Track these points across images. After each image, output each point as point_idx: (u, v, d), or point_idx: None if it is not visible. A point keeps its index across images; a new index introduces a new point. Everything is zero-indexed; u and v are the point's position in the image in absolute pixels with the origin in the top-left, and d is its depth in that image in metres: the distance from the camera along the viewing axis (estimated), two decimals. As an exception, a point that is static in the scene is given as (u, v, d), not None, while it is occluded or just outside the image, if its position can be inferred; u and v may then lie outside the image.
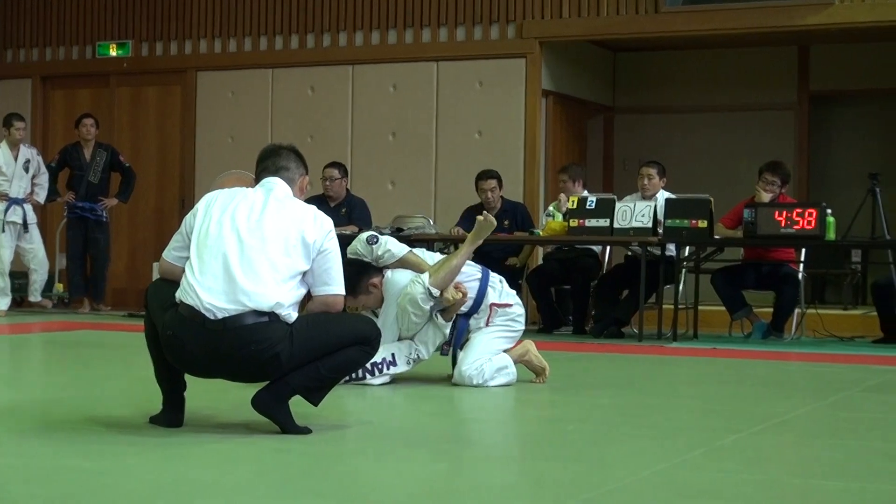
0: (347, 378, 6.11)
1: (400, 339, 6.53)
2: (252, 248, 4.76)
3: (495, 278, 6.75)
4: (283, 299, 4.73)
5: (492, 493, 3.93)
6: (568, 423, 5.52)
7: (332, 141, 12.72)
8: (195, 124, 13.50)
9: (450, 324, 6.54)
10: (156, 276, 5.19)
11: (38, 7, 14.16)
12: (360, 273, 6.40)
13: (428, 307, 6.40)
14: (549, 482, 4.11)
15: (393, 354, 6.47)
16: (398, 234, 10.61)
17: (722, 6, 11.56)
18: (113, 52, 13.82)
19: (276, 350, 4.70)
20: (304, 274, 4.86)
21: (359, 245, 6.52)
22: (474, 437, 5.35)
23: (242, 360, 4.72)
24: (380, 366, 6.41)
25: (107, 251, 12.77)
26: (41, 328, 10.63)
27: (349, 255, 6.44)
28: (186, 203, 12.93)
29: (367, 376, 6.40)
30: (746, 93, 13.66)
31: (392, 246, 6.49)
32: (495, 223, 6.73)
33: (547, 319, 10.81)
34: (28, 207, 12.22)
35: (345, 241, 6.16)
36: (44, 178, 12.33)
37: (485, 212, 6.84)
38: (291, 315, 4.78)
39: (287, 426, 4.81)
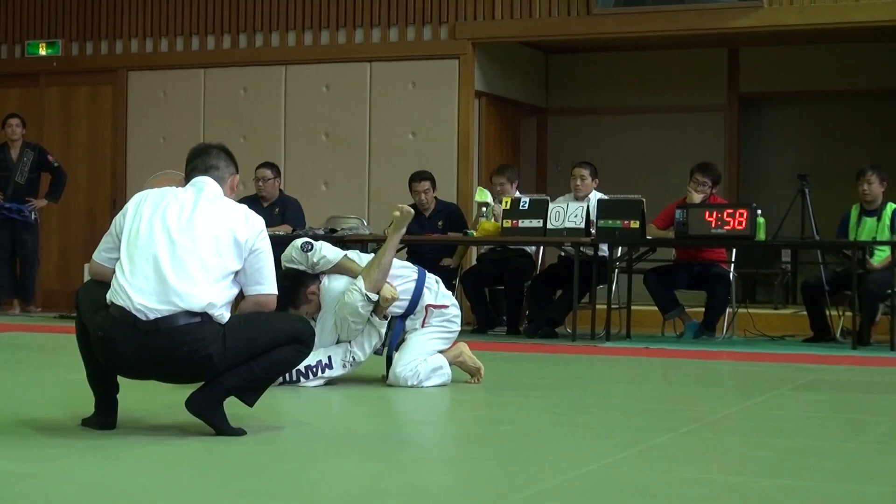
0: (282, 380, 6.09)
1: (337, 342, 6.52)
2: (183, 248, 4.72)
3: (431, 279, 6.75)
4: (215, 299, 4.70)
5: (427, 493, 3.93)
6: (503, 423, 5.53)
7: (265, 141, 12.67)
8: (126, 124, 13.39)
9: (386, 322, 6.53)
10: (87, 277, 5.13)
11: (-34, 5, 13.99)
12: (297, 284, 6.37)
13: (368, 312, 6.40)
14: (484, 482, 4.11)
15: (329, 357, 6.45)
16: (331, 234, 10.59)
17: (652, 9, 11.65)
18: (43, 52, 13.67)
19: (208, 351, 4.67)
20: (236, 274, 4.83)
21: (293, 252, 6.49)
22: (410, 438, 5.35)
23: (175, 362, 4.68)
24: (314, 369, 6.39)
25: (35, 252, 12.61)
26: (-31, 330, 10.50)
27: (284, 264, 6.41)
28: (118, 203, 12.81)
29: (302, 379, 6.38)
30: (677, 94, 13.78)
31: (327, 252, 6.48)
32: (412, 213, 6.71)
33: (481, 320, 10.83)
34: None
35: (278, 242, 6.14)
36: None
37: (401, 205, 6.79)
38: (224, 315, 4.75)
39: (222, 428, 4.77)
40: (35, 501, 3.68)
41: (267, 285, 4.90)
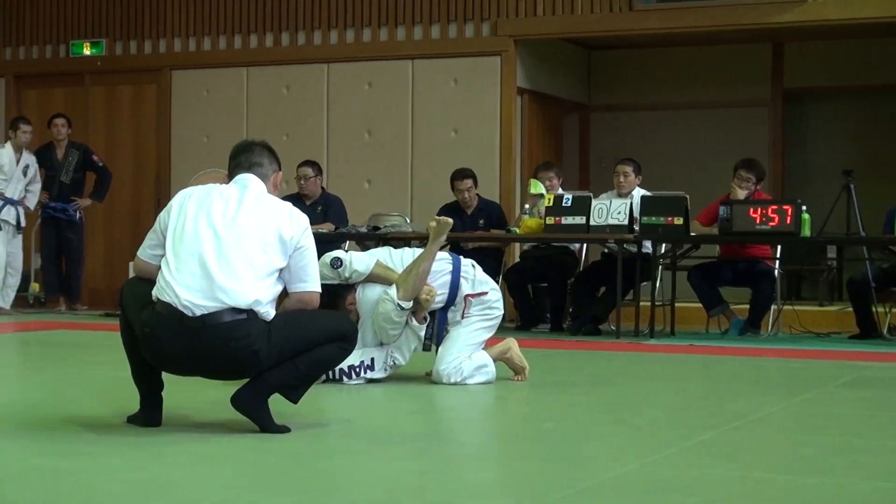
0: (325, 378, 6.11)
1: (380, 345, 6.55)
2: (229, 244, 4.74)
3: (468, 265, 6.66)
4: (261, 296, 4.72)
5: (469, 491, 3.93)
6: (546, 421, 5.53)
7: (308, 139, 12.70)
8: (170, 123, 13.45)
9: (425, 326, 6.52)
10: (132, 274, 5.16)
11: (12, 5, 14.08)
12: (334, 298, 6.33)
13: (403, 319, 6.40)
14: (526, 480, 4.11)
15: (372, 359, 6.47)
16: (374, 232, 10.60)
17: (695, 4, 11.59)
18: (87, 51, 13.76)
19: (254, 348, 4.69)
20: (281, 271, 4.85)
21: (324, 269, 6.46)
22: (452, 435, 5.35)
23: (221, 358, 4.70)
24: (357, 368, 6.41)
25: (80, 251, 12.70)
26: (17, 328, 10.58)
27: None
28: (162, 202, 12.83)
29: (345, 378, 6.40)
30: (721, 90, 13.71)
31: (358, 265, 6.45)
32: (450, 223, 6.66)
33: (524, 317, 10.81)
34: (21, 210, 12.15)
35: (320, 239, 6.14)
36: (37, 187, 12.28)
37: (438, 217, 6.73)
38: (270, 312, 4.77)
39: (266, 425, 4.80)
40: (81, 498, 3.71)
41: (311, 283, 4.92)
